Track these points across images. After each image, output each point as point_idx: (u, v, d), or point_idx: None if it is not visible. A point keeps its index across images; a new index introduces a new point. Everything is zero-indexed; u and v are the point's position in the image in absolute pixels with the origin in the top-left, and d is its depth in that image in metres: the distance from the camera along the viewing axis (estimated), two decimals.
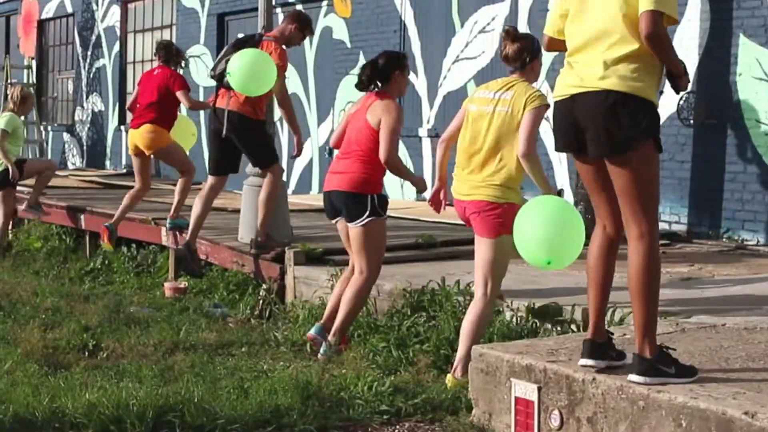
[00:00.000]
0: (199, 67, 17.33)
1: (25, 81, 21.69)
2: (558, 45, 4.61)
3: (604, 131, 4.15)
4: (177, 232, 9.60)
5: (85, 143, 21.05)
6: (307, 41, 15.31)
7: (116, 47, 19.92)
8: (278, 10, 15.05)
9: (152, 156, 10.25)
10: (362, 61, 14.12)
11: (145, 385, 5.18)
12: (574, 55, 4.38)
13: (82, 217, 11.35)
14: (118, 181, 16.14)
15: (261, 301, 8.24)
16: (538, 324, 5.94)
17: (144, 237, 10.25)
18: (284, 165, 15.54)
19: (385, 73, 6.57)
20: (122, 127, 19.50)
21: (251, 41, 8.47)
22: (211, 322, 7.70)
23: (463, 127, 5.81)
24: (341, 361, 6.13)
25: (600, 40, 4.25)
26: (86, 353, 6.30)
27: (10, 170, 11.05)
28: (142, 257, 10.23)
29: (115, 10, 19.97)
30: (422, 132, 13.35)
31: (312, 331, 6.66)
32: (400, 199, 13.55)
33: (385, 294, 7.13)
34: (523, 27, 12.00)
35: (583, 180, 4.55)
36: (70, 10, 21.65)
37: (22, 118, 11.92)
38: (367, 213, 6.46)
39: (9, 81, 19.79)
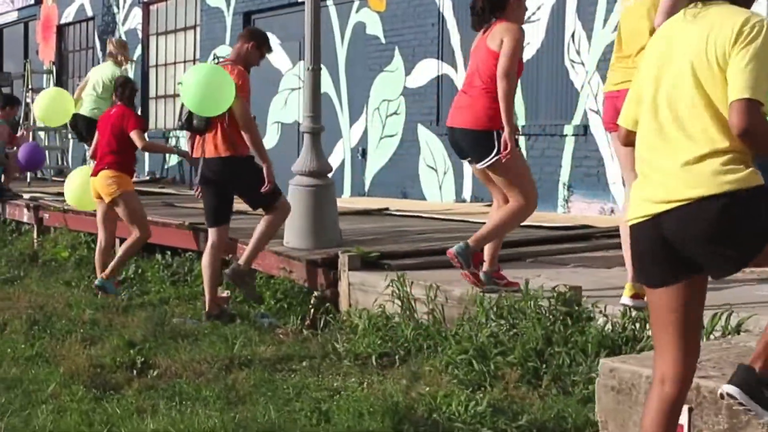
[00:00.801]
0: None
1: (44, 87, 21.16)
2: None
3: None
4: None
5: None
6: (338, 37, 14.78)
7: (138, 50, 19.37)
8: (329, 2, 14.49)
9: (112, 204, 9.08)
10: (398, 56, 13.58)
11: (210, 408, 4.58)
12: None
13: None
14: (145, 188, 15.62)
15: (312, 310, 7.64)
16: (637, 330, 5.32)
17: (180, 243, 9.67)
18: None
19: (501, 1, 6.29)
20: (145, 134, 18.93)
21: None
22: (261, 333, 7.12)
23: None
24: (417, 375, 5.52)
25: None
26: (135, 372, 5.71)
27: None
28: (178, 264, 9.64)
29: (137, 12, 19.45)
30: None
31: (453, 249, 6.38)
32: (439, 201, 12.98)
33: (454, 300, 6.54)
34: (571, 17, 11.41)
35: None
36: (90, 13, 21.14)
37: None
38: (495, 151, 6.22)
39: (30, 87, 19.26)
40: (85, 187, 9.36)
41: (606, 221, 9.99)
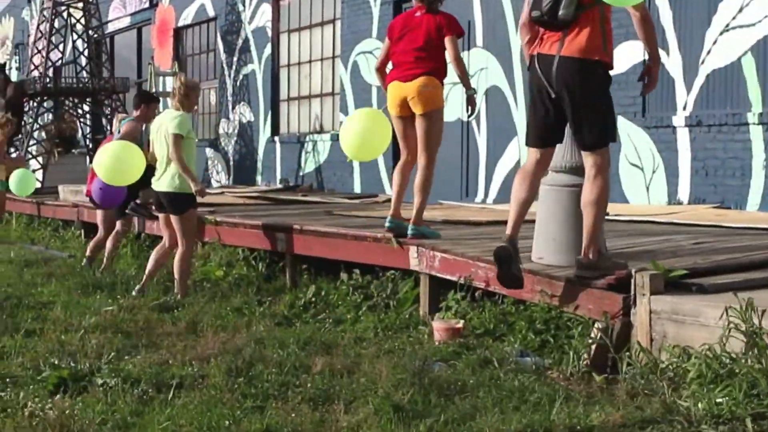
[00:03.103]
0: (371, 65, 14.90)
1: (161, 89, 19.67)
2: None
3: None
4: None
5: (231, 158, 18.85)
6: (511, 23, 12.83)
7: (267, 50, 17.69)
8: None
9: None
10: None
11: None
12: None
13: (283, 237, 8.91)
14: (288, 196, 13.84)
15: (594, 347, 5.64)
16: None
17: (380, 261, 7.73)
18: (482, 171, 13.13)
19: None
20: (276, 138, 17.26)
21: None
22: (533, 379, 5.16)
23: None
24: None
25: None
26: None
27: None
28: (375, 287, 7.72)
29: (266, 9, 17.74)
30: (677, 121, 10.66)
31: None
32: (645, 203, 10.91)
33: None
34: None
35: None
36: (211, 13, 19.54)
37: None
38: None
39: (155, 91, 17.71)
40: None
41: None
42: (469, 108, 7.58)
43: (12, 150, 19.08)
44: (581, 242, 6.27)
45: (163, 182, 8.57)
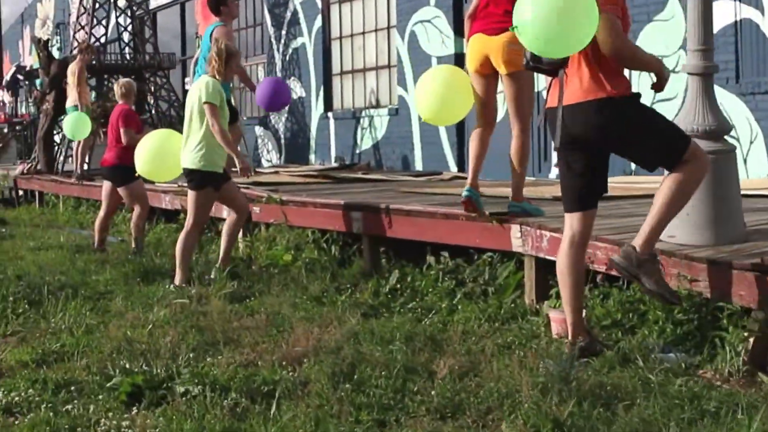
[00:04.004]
0: (431, 35, 14.06)
1: None
2: None
3: None
4: None
5: (282, 136, 18.08)
6: None
7: (317, 22, 16.86)
8: None
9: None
10: (673, 0, 10.60)
11: None
12: None
13: (359, 217, 8.11)
14: (347, 174, 13.05)
15: (753, 341, 4.81)
16: None
17: (475, 242, 6.91)
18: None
19: None
20: (329, 114, 16.46)
21: None
22: (690, 383, 4.34)
23: None
24: None
25: None
26: None
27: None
28: (471, 271, 6.91)
29: None
30: None
31: None
32: (743, 177, 10.01)
33: None
34: None
35: None
36: None
37: None
38: None
39: None
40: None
41: None
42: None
43: (55, 132, 18.48)
44: (721, 216, 5.45)
45: (187, 158, 7.83)
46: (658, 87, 5.10)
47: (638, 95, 5.04)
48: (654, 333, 5.23)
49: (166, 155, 8.18)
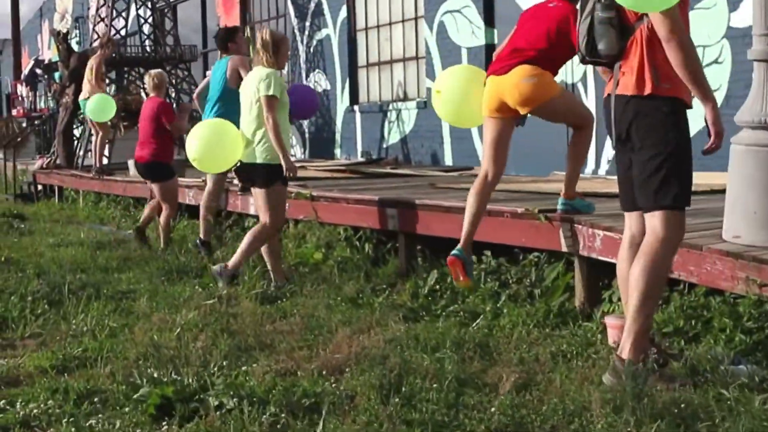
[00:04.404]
0: (460, 25, 13.67)
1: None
2: None
3: None
4: None
5: (307, 130, 17.72)
6: None
7: (342, 12, 16.49)
8: None
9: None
10: None
11: None
12: None
13: (395, 213, 7.72)
14: (377, 169, 12.68)
15: None
16: None
17: (521, 240, 6.52)
18: (592, 139, 11.84)
19: None
20: (355, 108, 16.09)
21: None
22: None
23: None
24: None
25: None
26: None
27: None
28: (516, 272, 6.52)
29: None
30: None
31: None
32: None
33: None
34: None
35: None
36: None
37: None
38: None
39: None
40: None
41: None
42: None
43: (76, 125, 18.19)
44: None
45: (250, 153, 7.42)
46: (709, 146, 4.38)
47: (685, 105, 4.56)
48: (721, 342, 4.83)
49: (222, 144, 7.68)
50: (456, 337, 5.13)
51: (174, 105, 18.68)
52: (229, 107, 8.54)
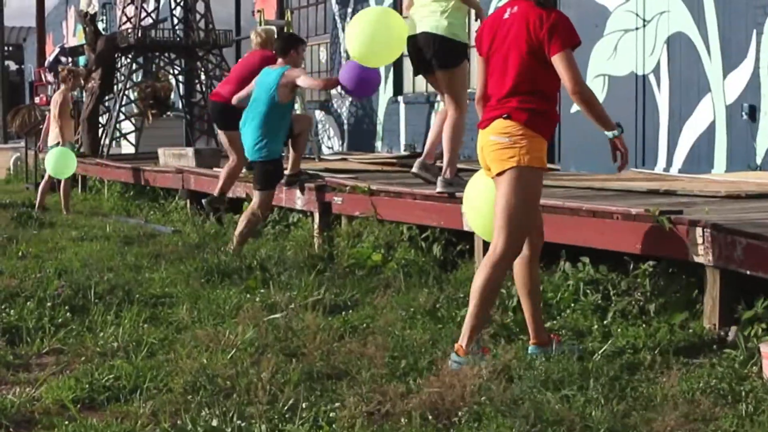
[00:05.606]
0: None
1: None
2: None
3: None
4: None
5: (346, 121, 16.72)
6: None
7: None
8: None
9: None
10: None
11: None
12: None
13: None
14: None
15: None
16: None
17: (634, 247, 5.44)
18: (663, 134, 10.87)
19: None
20: (399, 98, 15.10)
21: None
22: None
23: None
24: None
25: None
26: None
27: None
28: (627, 283, 5.48)
29: None
30: None
31: None
32: None
33: None
34: None
35: None
36: None
37: None
38: None
39: None
40: None
41: None
42: (617, 155, 4.66)
43: (102, 111, 17.27)
44: None
45: None
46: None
47: None
48: None
49: (388, 34, 7.32)
50: (579, 367, 4.10)
51: (205, 92, 17.76)
52: (273, 124, 7.93)
